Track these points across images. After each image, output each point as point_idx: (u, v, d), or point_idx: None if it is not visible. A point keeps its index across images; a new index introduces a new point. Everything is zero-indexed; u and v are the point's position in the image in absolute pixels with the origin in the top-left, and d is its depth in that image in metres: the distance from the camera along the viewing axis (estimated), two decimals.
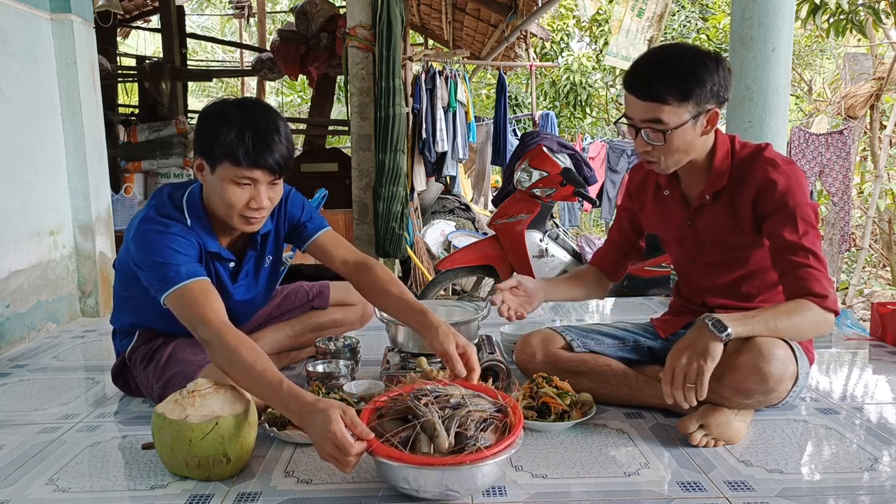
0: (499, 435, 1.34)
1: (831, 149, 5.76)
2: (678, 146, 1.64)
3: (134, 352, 1.92)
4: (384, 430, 1.35)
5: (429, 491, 1.31)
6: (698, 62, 1.59)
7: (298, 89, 15.71)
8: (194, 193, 1.75)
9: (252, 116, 1.60)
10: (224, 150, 1.58)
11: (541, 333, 1.96)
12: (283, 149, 1.62)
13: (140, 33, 12.93)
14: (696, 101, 1.59)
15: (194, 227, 1.71)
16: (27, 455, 1.61)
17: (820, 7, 5.29)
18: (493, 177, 9.27)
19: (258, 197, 1.63)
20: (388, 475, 1.33)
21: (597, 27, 12.29)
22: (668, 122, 1.60)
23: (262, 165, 1.59)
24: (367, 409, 1.43)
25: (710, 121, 1.64)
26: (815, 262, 1.58)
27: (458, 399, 1.39)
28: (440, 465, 1.27)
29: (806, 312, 1.55)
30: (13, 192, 2.68)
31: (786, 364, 1.57)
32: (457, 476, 1.28)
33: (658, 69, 1.60)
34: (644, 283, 3.78)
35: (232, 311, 1.79)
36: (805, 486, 1.40)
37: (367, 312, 2.31)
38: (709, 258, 1.82)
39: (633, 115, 1.65)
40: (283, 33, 6.28)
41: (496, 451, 1.29)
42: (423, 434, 1.32)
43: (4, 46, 2.65)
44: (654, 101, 1.59)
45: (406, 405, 1.38)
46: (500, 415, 1.39)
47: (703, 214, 1.77)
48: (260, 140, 1.58)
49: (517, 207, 3.92)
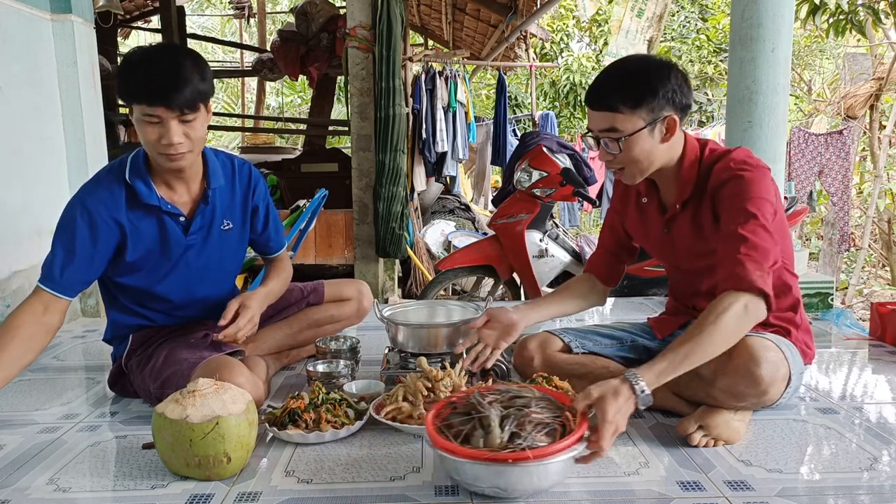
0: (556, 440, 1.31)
1: (831, 149, 5.77)
2: (637, 154, 1.64)
3: (130, 358, 1.93)
4: (450, 423, 1.37)
5: (478, 486, 1.32)
6: (651, 70, 1.61)
7: (298, 89, 15.70)
8: (140, 151, 1.83)
9: (157, 57, 1.68)
10: (128, 91, 1.67)
11: (538, 337, 1.95)
12: (184, 86, 1.65)
13: (140, 33, 12.92)
14: (649, 108, 1.59)
15: (133, 182, 1.78)
16: (27, 455, 1.61)
17: (819, 7, 5.29)
18: (493, 177, 9.27)
19: (167, 133, 1.68)
20: (443, 465, 1.38)
21: (596, 27, 12.30)
22: (622, 130, 1.61)
23: (162, 103, 1.64)
24: (441, 402, 1.47)
25: (668, 128, 1.63)
26: (744, 249, 1.51)
27: (527, 401, 1.37)
28: (476, 458, 1.26)
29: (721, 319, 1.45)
30: (14, 192, 2.68)
31: (777, 366, 1.58)
32: (498, 473, 1.27)
33: (610, 80, 1.63)
34: (643, 283, 3.79)
35: (190, 280, 1.93)
36: (804, 486, 1.40)
37: (362, 307, 2.31)
38: (690, 265, 1.81)
39: (591, 127, 1.68)
40: (283, 34, 6.29)
41: (540, 453, 1.26)
42: (480, 429, 1.32)
43: (5, 46, 2.65)
44: (606, 110, 1.61)
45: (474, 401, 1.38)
46: (562, 421, 1.35)
47: (676, 223, 1.77)
48: (160, 78, 1.64)
49: (517, 207, 3.92)
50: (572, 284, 2.04)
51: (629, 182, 1.74)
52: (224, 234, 1.94)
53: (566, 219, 7.95)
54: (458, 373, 1.71)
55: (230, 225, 1.95)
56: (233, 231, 1.96)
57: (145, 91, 1.64)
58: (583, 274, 2.06)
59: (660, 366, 1.42)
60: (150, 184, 1.81)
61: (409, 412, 1.64)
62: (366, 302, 2.30)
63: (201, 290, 1.97)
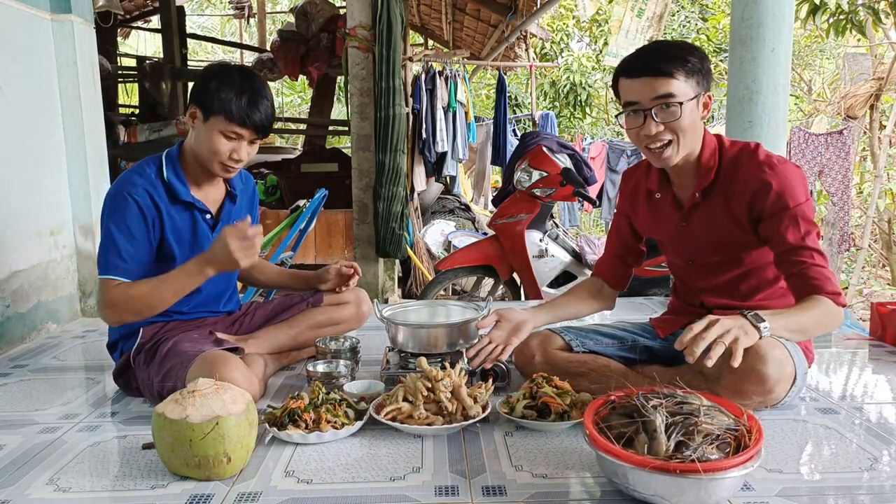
0: (728, 455, 1.25)
1: (831, 149, 5.76)
2: (689, 125, 1.65)
3: (139, 352, 1.95)
4: (611, 423, 1.35)
5: (639, 491, 1.27)
6: (690, 47, 1.67)
7: (298, 89, 15.71)
8: (173, 150, 1.98)
9: (249, 81, 1.87)
10: (221, 105, 1.83)
11: (539, 335, 1.95)
12: (269, 113, 1.90)
13: (140, 33, 12.93)
14: (697, 81, 1.64)
15: (170, 179, 1.92)
16: (27, 455, 1.61)
17: (820, 7, 5.28)
18: (493, 177, 9.28)
19: (240, 150, 1.89)
20: (601, 466, 1.36)
21: (596, 27, 12.30)
22: (679, 95, 1.62)
23: (250, 124, 1.86)
24: (599, 400, 1.45)
25: (706, 105, 1.68)
26: (821, 261, 1.61)
27: (694, 409, 1.32)
28: (641, 465, 1.22)
29: (825, 310, 1.57)
30: (14, 192, 2.68)
31: (783, 365, 1.58)
32: (663, 482, 1.22)
33: (662, 50, 1.65)
34: (644, 283, 3.78)
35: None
36: (805, 486, 1.40)
37: (361, 310, 2.32)
38: (706, 258, 1.81)
39: (639, 98, 1.64)
40: (283, 34, 6.29)
41: (711, 467, 1.19)
42: (644, 434, 1.29)
43: (4, 46, 2.65)
44: (663, 76, 1.61)
45: (638, 403, 1.35)
46: (735, 434, 1.29)
47: (697, 214, 1.77)
48: (252, 102, 1.85)
49: (517, 207, 3.93)
50: (581, 288, 2.05)
51: (666, 160, 1.70)
52: None
53: (566, 219, 7.96)
54: (458, 373, 1.71)
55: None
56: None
57: (246, 114, 1.84)
58: (591, 278, 2.08)
59: (773, 317, 1.49)
60: (185, 181, 1.96)
61: (409, 412, 1.64)
62: (364, 307, 2.33)
63: (213, 283, 2.00)
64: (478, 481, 1.43)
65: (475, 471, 1.47)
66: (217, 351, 1.82)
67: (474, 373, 1.90)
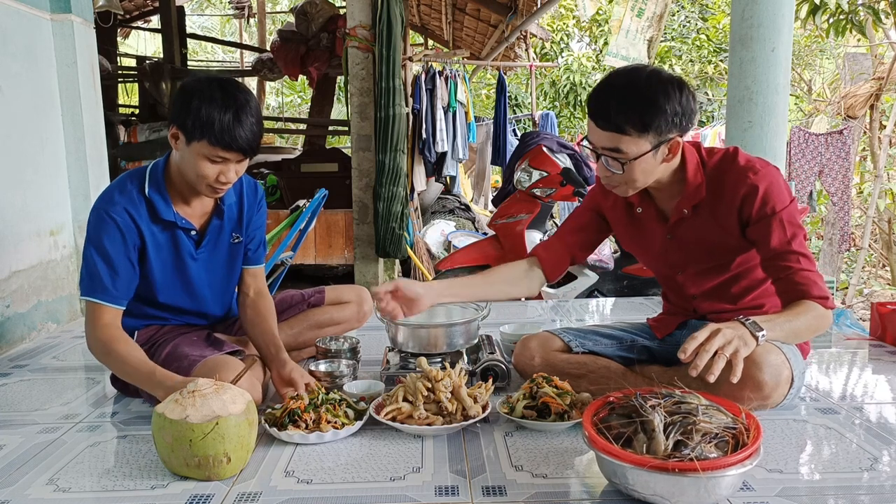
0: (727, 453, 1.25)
1: (831, 149, 5.76)
2: (637, 175, 1.62)
3: None
4: (609, 423, 1.35)
5: (639, 491, 1.27)
6: (660, 91, 1.53)
7: (298, 89, 15.71)
8: (159, 165, 1.86)
9: (231, 99, 1.69)
10: (202, 128, 1.67)
11: (539, 336, 1.95)
12: (255, 131, 1.73)
13: (140, 33, 12.94)
14: (656, 132, 1.55)
15: (151, 196, 1.81)
16: (27, 455, 1.61)
17: (820, 7, 5.28)
18: (493, 177, 9.28)
19: (227, 173, 1.75)
20: (600, 466, 1.35)
21: (596, 27, 12.31)
22: (627, 153, 1.57)
23: (236, 148, 1.70)
24: (597, 401, 1.45)
25: (671, 150, 1.61)
26: (807, 265, 1.60)
27: (692, 408, 1.32)
28: (639, 464, 1.22)
29: (815, 314, 1.57)
30: (13, 192, 2.68)
31: (780, 370, 1.58)
32: (662, 481, 1.22)
33: (619, 98, 1.55)
34: (643, 283, 3.79)
35: (195, 290, 1.96)
36: (805, 486, 1.40)
37: (362, 310, 2.32)
38: (695, 266, 1.80)
39: (593, 142, 1.62)
40: (283, 34, 6.29)
41: (710, 465, 1.19)
42: (643, 434, 1.30)
43: (4, 46, 2.65)
44: (614, 131, 1.56)
45: (636, 404, 1.35)
46: (735, 433, 1.29)
47: (684, 227, 1.76)
48: (236, 123, 1.68)
49: (517, 207, 3.93)
50: (504, 268, 1.94)
51: (621, 194, 1.72)
52: (233, 247, 1.99)
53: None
54: (458, 373, 1.71)
55: (239, 238, 1.99)
56: (241, 244, 2.01)
57: (231, 138, 1.67)
58: (524, 259, 1.96)
59: (769, 324, 1.49)
60: (167, 199, 1.84)
61: (409, 412, 1.64)
62: (366, 306, 2.32)
63: (205, 299, 2.01)
64: (478, 481, 1.43)
65: (475, 471, 1.47)
66: (218, 356, 1.81)
67: (474, 373, 1.91)
